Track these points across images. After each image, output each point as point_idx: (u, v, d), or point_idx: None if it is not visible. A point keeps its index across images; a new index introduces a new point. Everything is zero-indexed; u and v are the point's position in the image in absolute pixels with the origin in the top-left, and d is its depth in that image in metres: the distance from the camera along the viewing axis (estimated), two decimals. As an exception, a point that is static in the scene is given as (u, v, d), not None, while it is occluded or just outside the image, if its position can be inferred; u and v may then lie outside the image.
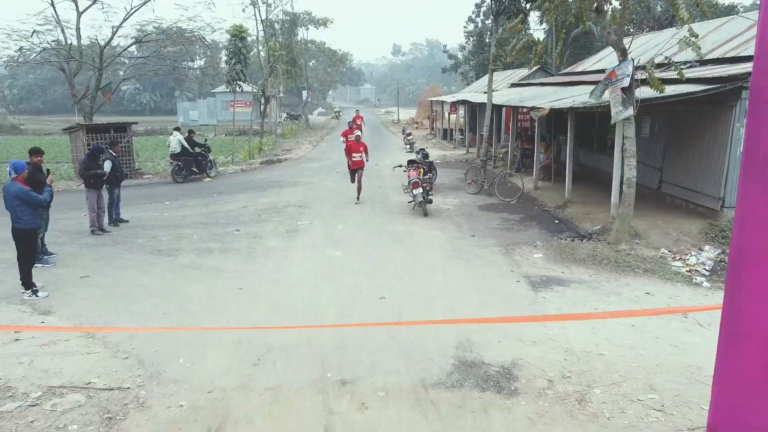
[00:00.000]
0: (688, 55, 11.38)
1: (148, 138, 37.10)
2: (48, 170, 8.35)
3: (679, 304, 7.52)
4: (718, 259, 8.74)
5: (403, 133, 31.33)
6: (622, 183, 10.22)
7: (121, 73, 24.74)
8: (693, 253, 9.05)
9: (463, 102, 25.68)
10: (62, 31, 18.11)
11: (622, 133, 9.95)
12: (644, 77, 9.41)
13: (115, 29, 18.40)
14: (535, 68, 24.64)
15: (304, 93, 48.07)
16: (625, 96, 9.12)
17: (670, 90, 9.79)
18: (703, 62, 12.23)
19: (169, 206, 13.57)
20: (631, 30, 23.86)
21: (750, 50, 12.77)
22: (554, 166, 15.61)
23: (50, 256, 8.97)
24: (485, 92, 20.42)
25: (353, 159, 13.85)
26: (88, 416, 4.85)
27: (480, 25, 39.25)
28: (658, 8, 35.27)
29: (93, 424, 4.74)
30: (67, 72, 17.68)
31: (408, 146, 25.84)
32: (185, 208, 13.36)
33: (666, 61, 9.63)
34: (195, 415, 4.82)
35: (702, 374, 5.32)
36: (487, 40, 34.71)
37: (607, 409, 4.86)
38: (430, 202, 12.47)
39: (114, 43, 21.08)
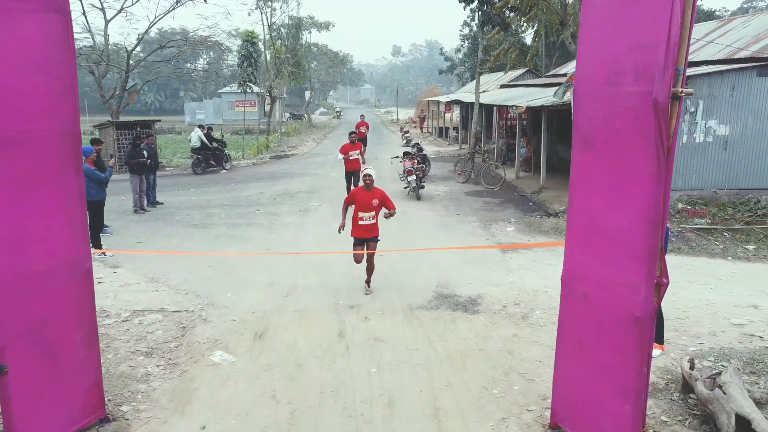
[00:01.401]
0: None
1: (157, 136, 38.93)
2: (111, 155, 10.25)
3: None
4: (656, 230, 10.62)
5: (401, 131, 33.25)
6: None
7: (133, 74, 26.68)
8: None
9: (457, 102, 27.58)
10: (92, 37, 19.99)
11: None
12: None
13: (140, 36, 20.34)
14: (523, 70, 26.54)
15: (307, 93, 49.96)
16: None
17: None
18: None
19: (194, 192, 15.48)
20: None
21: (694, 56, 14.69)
22: (534, 159, 17.51)
23: (107, 227, 10.85)
24: (480, 92, 22.29)
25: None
26: (167, 326, 6.74)
27: (474, 29, 41.12)
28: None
29: (172, 330, 6.63)
30: (96, 74, 19.55)
31: (405, 142, 27.74)
32: (209, 194, 15.26)
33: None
34: (244, 326, 6.71)
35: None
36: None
37: (542, 321, 6.76)
38: (423, 187, 14.37)
39: (137, 48, 22.93)
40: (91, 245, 9.18)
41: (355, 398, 5.01)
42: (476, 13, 18.56)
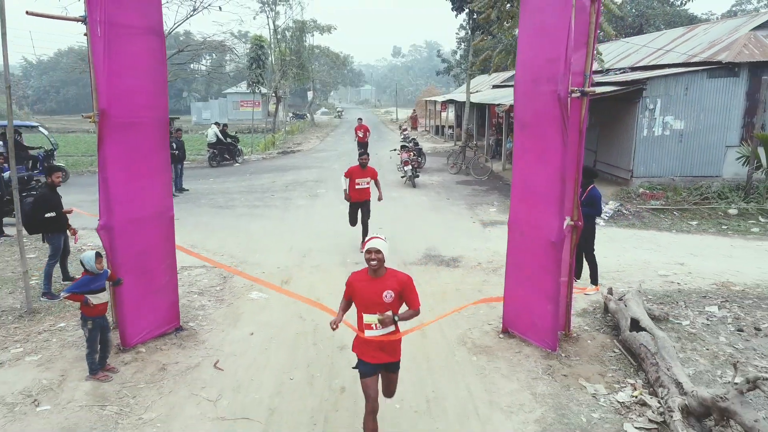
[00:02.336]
0: (623, 64, 15.09)
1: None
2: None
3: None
4: (616, 210, 12.41)
5: (400, 129, 34.98)
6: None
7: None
8: (602, 207, 12.69)
9: (452, 101, 29.35)
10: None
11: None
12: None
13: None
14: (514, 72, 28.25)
15: (309, 94, 51.72)
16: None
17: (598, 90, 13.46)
18: (634, 69, 15.91)
19: (214, 181, 17.24)
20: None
21: (654, 60, 16.47)
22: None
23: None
24: (472, 92, 24.06)
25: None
26: (211, 277, 8.50)
27: (470, 32, 42.89)
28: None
29: (215, 279, 8.40)
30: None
31: (403, 138, 29.48)
32: (227, 183, 17.04)
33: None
34: (272, 275, 8.48)
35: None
36: (476, 46, 38.22)
37: (508, 273, 8.51)
38: (418, 176, 16.14)
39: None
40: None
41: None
42: (468, 21, 20.31)
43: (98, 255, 5.20)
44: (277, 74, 32.27)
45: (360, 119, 22.76)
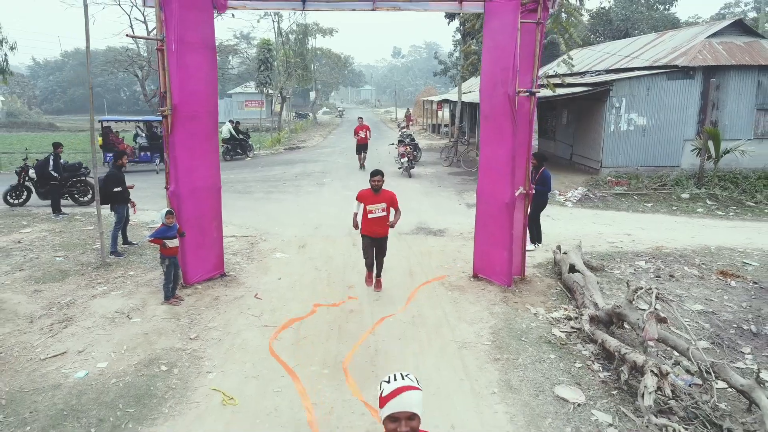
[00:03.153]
0: (601, 66, 16.99)
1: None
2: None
3: (553, 219, 13.04)
4: (583, 195, 14.31)
5: (399, 127, 36.88)
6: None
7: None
8: (571, 193, 14.62)
9: (447, 101, 31.24)
10: (137, 46, 23.66)
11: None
12: (555, 82, 15.01)
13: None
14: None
15: (312, 94, 53.66)
16: (530, 95, 14.67)
17: (563, 91, 15.38)
18: (608, 72, 17.81)
19: (230, 173, 19.12)
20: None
21: (620, 64, 18.33)
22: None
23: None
24: (464, 93, 25.95)
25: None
26: (241, 243, 10.38)
27: (461, 38, 44.83)
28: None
29: (245, 245, 10.28)
30: (140, 77, 23.19)
31: (400, 134, 31.42)
32: (243, 173, 18.93)
33: (553, 74, 15.21)
34: (291, 242, 10.36)
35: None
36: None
37: (484, 240, 10.41)
38: (413, 167, 18.04)
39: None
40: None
41: (364, 268, 8.68)
42: (459, 27, 22.25)
43: (169, 212, 7.10)
44: (282, 76, 34.19)
45: (360, 118, 21.37)
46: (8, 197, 12.94)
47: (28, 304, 7.22)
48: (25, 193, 13.09)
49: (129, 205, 9.47)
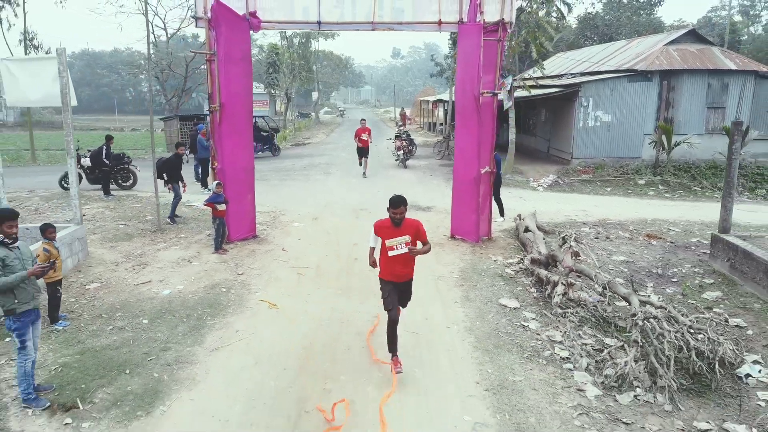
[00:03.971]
0: (577, 69, 19.32)
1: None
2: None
3: (524, 200, 15.34)
4: (554, 181, 16.62)
5: (397, 125, 39.22)
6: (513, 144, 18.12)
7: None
8: (543, 179, 16.93)
9: (441, 101, 33.58)
10: (157, 46, 25.94)
11: (510, 115, 17.86)
12: (530, 84, 17.34)
13: (195, 53, 26.30)
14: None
15: (314, 94, 55.99)
16: (508, 94, 16.97)
17: (538, 91, 17.70)
18: (583, 74, 20.13)
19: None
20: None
21: (588, 68, 20.61)
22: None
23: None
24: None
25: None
26: (264, 216, 12.66)
27: (452, 42, 47.13)
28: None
29: (267, 217, 12.57)
30: (160, 78, 25.49)
31: (397, 130, 33.74)
32: (258, 165, 20.84)
33: (529, 77, 17.52)
34: (305, 216, 12.66)
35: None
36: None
37: (463, 214, 12.73)
38: (408, 159, 20.34)
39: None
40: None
41: (369, 234, 10.97)
42: (451, 35, 24.62)
43: (218, 184, 9.40)
44: (288, 77, 36.53)
45: (363, 120, 20.08)
46: (63, 182, 15.24)
47: (110, 255, 9.53)
48: (78, 179, 15.37)
49: (180, 183, 11.77)
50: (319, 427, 4.80)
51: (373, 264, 6.09)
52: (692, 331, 6.02)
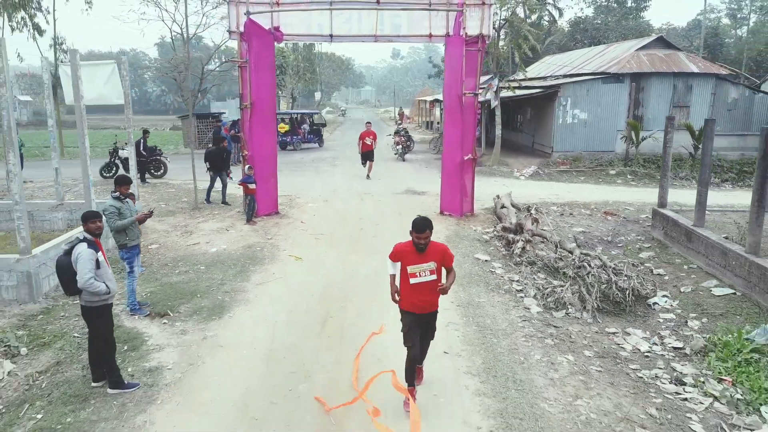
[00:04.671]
0: (561, 72, 21.47)
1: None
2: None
3: (507, 187, 17.46)
4: (534, 172, 18.75)
5: (396, 123, 41.36)
6: (500, 139, 20.25)
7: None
8: (525, 170, 19.07)
9: (437, 101, 35.73)
10: (174, 49, 28.09)
11: (496, 113, 20.00)
12: (514, 85, 19.48)
13: (211, 55, 28.43)
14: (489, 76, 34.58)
15: (317, 94, 58.15)
16: (495, 95, 19.12)
17: (522, 92, 19.84)
18: (566, 76, 22.27)
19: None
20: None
21: (567, 70, 22.73)
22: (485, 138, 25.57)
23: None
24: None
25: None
26: (282, 199, 14.77)
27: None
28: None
29: (285, 200, 14.66)
30: (178, 80, 27.56)
31: (396, 127, 35.86)
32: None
33: (513, 79, 19.67)
34: (317, 198, 14.79)
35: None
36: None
37: (452, 197, 14.87)
38: (406, 153, 22.47)
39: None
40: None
41: (371, 212, 13.10)
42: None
43: (250, 167, 11.53)
44: (293, 78, 38.68)
45: (369, 123, 19.12)
46: (103, 172, 17.37)
47: (160, 226, 11.67)
48: (114, 168, 17.52)
49: (226, 173, 13.85)
50: (343, 327, 6.91)
51: (395, 294, 5.23)
52: (616, 272, 8.15)
